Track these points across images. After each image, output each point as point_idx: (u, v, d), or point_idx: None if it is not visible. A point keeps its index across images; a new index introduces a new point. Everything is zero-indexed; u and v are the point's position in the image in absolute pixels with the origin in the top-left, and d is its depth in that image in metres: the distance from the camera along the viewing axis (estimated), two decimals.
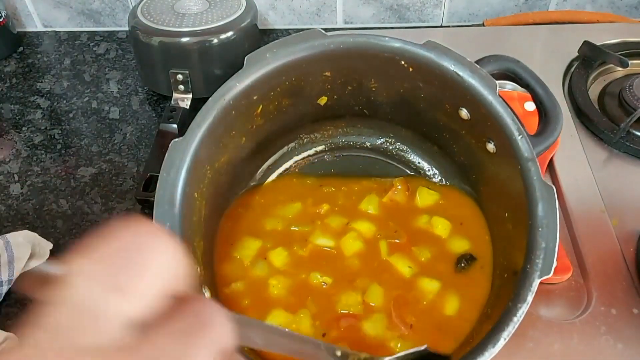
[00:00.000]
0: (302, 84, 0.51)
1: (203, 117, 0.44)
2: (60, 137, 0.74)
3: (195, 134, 0.43)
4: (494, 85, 0.40)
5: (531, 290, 0.34)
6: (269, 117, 0.52)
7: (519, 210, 0.39)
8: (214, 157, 0.47)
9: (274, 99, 0.51)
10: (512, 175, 0.40)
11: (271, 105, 0.52)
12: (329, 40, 0.46)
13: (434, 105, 0.50)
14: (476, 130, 0.45)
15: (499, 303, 0.39)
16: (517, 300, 0.34)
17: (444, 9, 0.89)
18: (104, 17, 0.92)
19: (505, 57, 0.40)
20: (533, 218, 0.37)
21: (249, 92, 0.48)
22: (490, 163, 0.45)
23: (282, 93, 0.51)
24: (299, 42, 0.47)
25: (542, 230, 0.36)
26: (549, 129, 0.39)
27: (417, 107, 0.53)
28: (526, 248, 0.36)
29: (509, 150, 0.40)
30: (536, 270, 0.34)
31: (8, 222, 0.64)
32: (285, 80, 0.50)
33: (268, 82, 0.48)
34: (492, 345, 0.32)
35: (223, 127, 0.46)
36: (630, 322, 0.49)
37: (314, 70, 0.49)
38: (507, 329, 0.33)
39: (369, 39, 0.46)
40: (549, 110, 0.40)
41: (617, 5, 0.88)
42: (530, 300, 0.34)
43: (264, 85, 0.48)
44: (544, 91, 0.41)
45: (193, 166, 0.42)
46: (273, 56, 0.47)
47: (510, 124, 0.39)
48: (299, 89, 0.51)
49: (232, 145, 0.49)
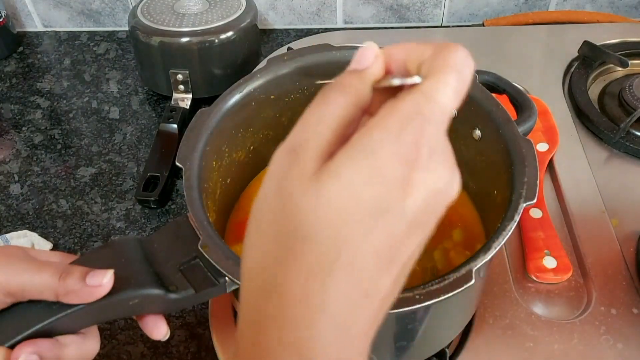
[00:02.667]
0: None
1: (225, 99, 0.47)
2: (60, 137, 0.74)
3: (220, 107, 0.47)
4: (473, 75, 0.46)
5: (517, 211, 0.37)
6: (282, 125, 0.53)
7: (504, 178, 0.43)
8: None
9: (287, 109, 0.52)
10: (498, 151, 0.44)
11: (284, 116, 0.52)
12: (336, 51, 0.50)
13: None
14: (463, 123, 0.48)
15: None
16: (505, 219, 0.37)
17: (444, 9, 0.89)
18: (104, 17, 0.92)
19: (483, 71, 0.49)
20: (515, 164, 0.41)
21: (267, 87, 0.49)
22: (476, 153, 0.49)
23: (296, 104, 0.52)
24: (311, 52, 0.50)
25: (524, 170, 0.40)
26: (525, 114, 0.46)
27: None
28: (511, 186, 0.40)
29: (491, 125, 0.45)
30: (521, 197, 0.38)
31: (8, 222, 0.64)
32: (299, 87, 0.51)
33: (284, 85, 0.50)
34: (484, 253, 0.36)
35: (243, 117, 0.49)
36: (630, 322, 0.49)
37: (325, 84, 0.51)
38: (498, 240, 0.36)
39: None
40: (523, 102, 0.47)
41: (617, 5, 0.88)
42: (517, 219, 0.37)
43: (281, 86, 0.50)
44: (517, 92, 0.49)
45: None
46: (290, 57, 0.50)
47: (489, 98, 0.46)
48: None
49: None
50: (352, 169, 0.22)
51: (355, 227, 0.22)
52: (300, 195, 0.22)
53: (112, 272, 0.33)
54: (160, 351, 0.51)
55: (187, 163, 0.42)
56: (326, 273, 0.22)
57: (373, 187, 0.22)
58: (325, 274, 0.22)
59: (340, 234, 0.22)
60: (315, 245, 0.22)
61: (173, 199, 0.66)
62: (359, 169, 0.22)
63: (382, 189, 0.22)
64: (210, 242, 0.37)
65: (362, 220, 0.22)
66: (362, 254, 0.22)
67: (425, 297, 0.34)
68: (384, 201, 0.22)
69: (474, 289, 0.43)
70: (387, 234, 0.22)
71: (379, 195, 0.22)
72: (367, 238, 0.22)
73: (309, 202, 0.22)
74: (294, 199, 0.22)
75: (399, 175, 0.22)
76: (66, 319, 0.33)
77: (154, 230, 0.62)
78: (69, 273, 0.33)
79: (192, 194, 0.40)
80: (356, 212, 0.22)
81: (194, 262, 0.37)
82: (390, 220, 0.22)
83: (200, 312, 0.54)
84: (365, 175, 0.22)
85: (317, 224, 0.22)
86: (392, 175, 0.22)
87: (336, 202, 0.22)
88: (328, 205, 0.22)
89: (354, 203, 0.22)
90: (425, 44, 0.25)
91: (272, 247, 0.23)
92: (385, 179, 0.22)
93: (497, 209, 0.43)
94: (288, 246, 0.23)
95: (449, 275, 0.35)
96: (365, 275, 0.23)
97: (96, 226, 0.63)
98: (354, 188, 0.22)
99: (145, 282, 0.35)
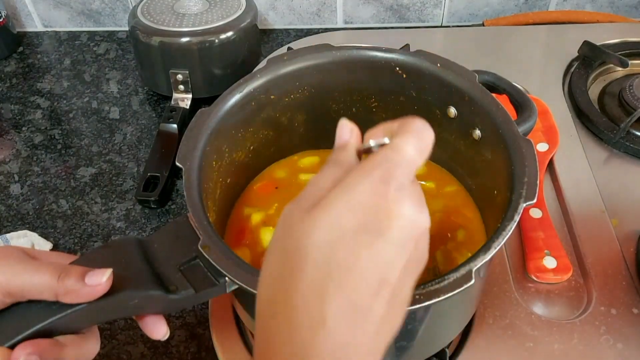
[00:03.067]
0: (314, 99, 0.52)
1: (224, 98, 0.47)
2: (60, 137, 0.74)
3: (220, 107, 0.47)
4: (473, 76, 0.47)
5: (517, 211, 0.38)
6: (282, 125, 0.53)
7: (504, 180, 0.43)
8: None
9: (287, 109, 0.52)
10: (498, 151, 0.44)
11: (284, 117, 0.52)
12: (336, 52, 0.51)
13: (426, 117, 0.52)
14: (463, 123, 0.49)
15: None
16: (505, 219, 0.38)
17: (444, 9, 0.89)
18: (104, 17, 0.92)
19: (483, 71, 0.49)
20: (515, 164, 0.41)
21: (267, 87, 0.49)
22: (476, 153, 0.49)
23: (295, 104, 0.52)
24: (312, 52, 0.50)
25: (524, 170, 0.40)
26: (525, 114, 0.46)
27: None
28: (511, 186, 0.40)
29: (491, 125, 0.45)
30: (521, 197, 0.38)
31: (8, 222, 0.64)
32: (299, 87, 0.51)
33: (284, 85, 0.50)
34: (484, 253, 0.36)
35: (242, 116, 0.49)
36: (630, 322, 0.49)
37: (325, 84, 0.52)
38: (498, 240, 0.36)
39: (367, 50, 0.51)
40: (523, 102, 0.47)
41: (617, 5, 0.88)
42: (517, 219, 0.37)
43: (281, 86, 0.50)
44: (517, 92, 0.49)
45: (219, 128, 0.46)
46: (290, 57, 0.50)
47: (489, 98, 0.46)
48: (310, 105, 0.53)
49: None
50: (336, 201, 0.27)
51: (344, 249, 0.26)
52: (298, 224, 0.27)
53: (110, 271, 0.33)
54: (160, 351, 0.51)
55: (187, 163, 0.42)
56: (323, 290, 0.26)
57: (354, 215, 0.27)
58: (323, 291, 0.26)
59: (333, 256, 0.26)
60: (312, 265, 0.26)
61: (173, 199, 0.66)
62: (341, 201, 0.27)
63: (361, 216, 0.27)
64: (210, 242, 0.37)
65: (347, 243, 0.26)
66: (351, 275, 0.26)
67: (425, 297, 0.34)
68: (363, 225, 0.27)
69: (474, 289, 0.43)
70: (369, 255, 0.27)
71: (358, 221, 0.27)
72: (354, 260, 0.26)
73: (305, 229, 0.27)
74: (293, 226, 0.28)
75: (373, 205, 0.27)
76: (66, 319, 0.33)
77: (154, 230, 0.62)
78: (68, 273, 0.33)
79: (192, 193, 0.40)
80: (343, 237, 0.26)
81: (194, 262, 0.37)
82: (370, 242, 0.27)
83: (200, 312, 0.54)
84: (346, 206, 0.27)
85: (312, 247, 0.27)
86: (367, 205, 0.27)
87: (326, 228, 0.27)
88: (320, 231, 0.27)
89: (340, 229, 0.27)
90: (394, 120, 0.31)
91: (278, 267, 0.28)
92: (362, 209, 0.27)
93: (497, 209, 0.43)
94: (291, 265, 0.27)
95: (449, 275, 0.35)
96: (357, 296, 0.26)
97: (96, 226, 0.63)
98: (339, 216, 0.27)
99: (145, 282, 0.35)
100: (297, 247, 0.27)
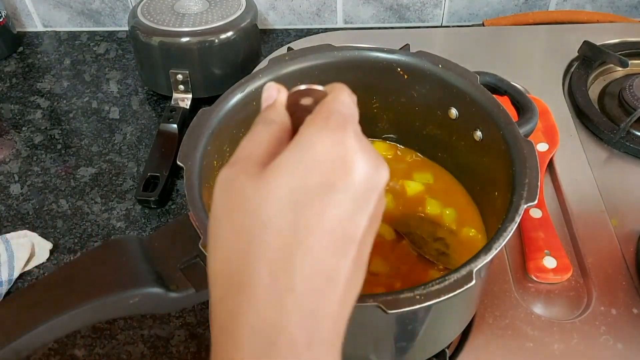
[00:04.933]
0: None
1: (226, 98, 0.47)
2: (60, 137, 0.74)
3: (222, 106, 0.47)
4: (474, 77, 0.48)
5: (518, 212, 0.38)
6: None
7: (505, 181, 0.43)
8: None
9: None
10: (499, 152, 0.44)
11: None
12: (338, 52, 0.51)
13: (427, 118, 0.53)
14: (464, 124, 0.49)
15: None
16: (506, 220, 0.38)
17: (444, 9, 0.89)
18: (104, 17, 0.92)
19: (484, 72, 0.50)
20: (516, 165, 0.41)
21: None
22: (478, 155, 0.49)
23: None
24: (314, 52, 0.50)
25: (525, 171, 0.40)
26: (526, 115, 0.47)
27: (413, 125, 0.54)
28: (512, 187, 0.40)
29: (493, 126, 0.45)
30: (522, 198, 0.39)
31: (8, 222, 0.64)
32: None
33: (285, 85, 0.50)
34: (484, 253, 0.36)
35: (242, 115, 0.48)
36: (630, 322, 0.49)
37: (326, 85, 0.52)
38: (499, 241, 0.36)
39: (369, 51, 0.51)
40: (524, 104, 0.48)
41: (617, 5, 0.88)
42: (517, 220, 0.37)
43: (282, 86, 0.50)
44: (518, 93, 0.49)
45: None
46: (291, 57, 0.50)
47: (490, 99, 0.46)
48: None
49: None
50: (293, 160, 0.25)
51: (307, 211, 0.25)
52: (252, 190, 0.25)
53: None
54: (160, 351, 0.51)
55: (189, 162, 0.42)
56: (289, 256, 0.25)
57: (316, 171, 0.25)
58: (289, 258, 0.24)
59: (297, 220, 0.25)
60: (275, 233, 0.25)
61: (173, 199, 0.66)
62: (300, 159, 0.25)
63: (323, 170, 0.25)
64: None
65: (312, 203, 0.25)
66: (318, 236, 0.25)
67: (425, 298, 0.34)
68: (327, 181, 0.25)
69: (475, 289, 0.43)
70: (336, 212, 0.25)
71: (321, 177, 0.25)
72: (320, 220, 0.25)
73: (260, 194, 0.25)
74: (246, 194, 0.25)
75: (335, 156, 0.25)
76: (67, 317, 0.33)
77: (154, 230, 0.62)
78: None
79: (193, 193, 0.40)
80: (305, 197, 0.25)
81: (194, 261, 0.37)
82: (336, 198, 0.25)
83: (200, 312, 0.54)
84: (307, 163, 0.25)
85: (273, 212, 0.25)
86: (329, 158, 0.25)
87: (286, 191, 0.25)
88: (279, 195, 0.25)
89: (302, 189, 0.25)
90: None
91: (235, 243, 0.25)
92: (324, 162, 0.25)
93: (498, 210, 0.43)
94: (250, 237, 0.25)
95: (450, 276, 0.35)
96: (324, 257, 0.25)
97: (96, 226, 0.63)
98: (301, 175, 0.25)
99: (146, 281, 0.35)
100: (255, 216, 0.25)
